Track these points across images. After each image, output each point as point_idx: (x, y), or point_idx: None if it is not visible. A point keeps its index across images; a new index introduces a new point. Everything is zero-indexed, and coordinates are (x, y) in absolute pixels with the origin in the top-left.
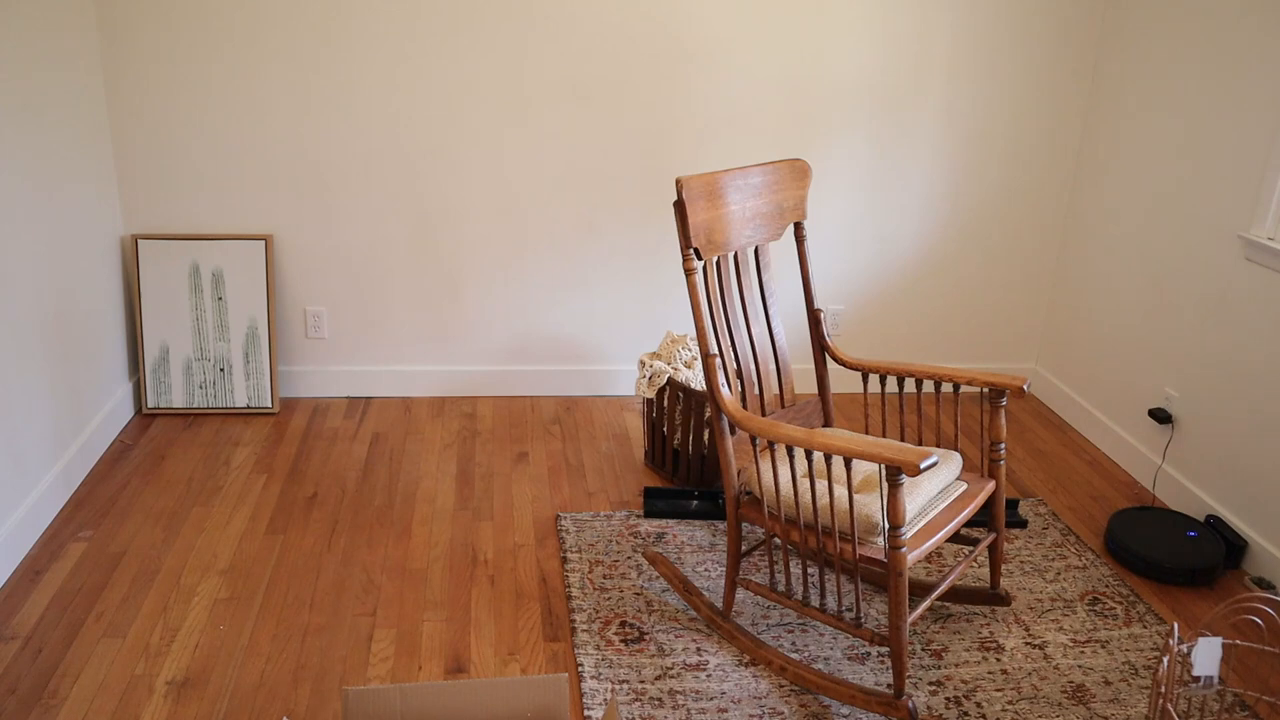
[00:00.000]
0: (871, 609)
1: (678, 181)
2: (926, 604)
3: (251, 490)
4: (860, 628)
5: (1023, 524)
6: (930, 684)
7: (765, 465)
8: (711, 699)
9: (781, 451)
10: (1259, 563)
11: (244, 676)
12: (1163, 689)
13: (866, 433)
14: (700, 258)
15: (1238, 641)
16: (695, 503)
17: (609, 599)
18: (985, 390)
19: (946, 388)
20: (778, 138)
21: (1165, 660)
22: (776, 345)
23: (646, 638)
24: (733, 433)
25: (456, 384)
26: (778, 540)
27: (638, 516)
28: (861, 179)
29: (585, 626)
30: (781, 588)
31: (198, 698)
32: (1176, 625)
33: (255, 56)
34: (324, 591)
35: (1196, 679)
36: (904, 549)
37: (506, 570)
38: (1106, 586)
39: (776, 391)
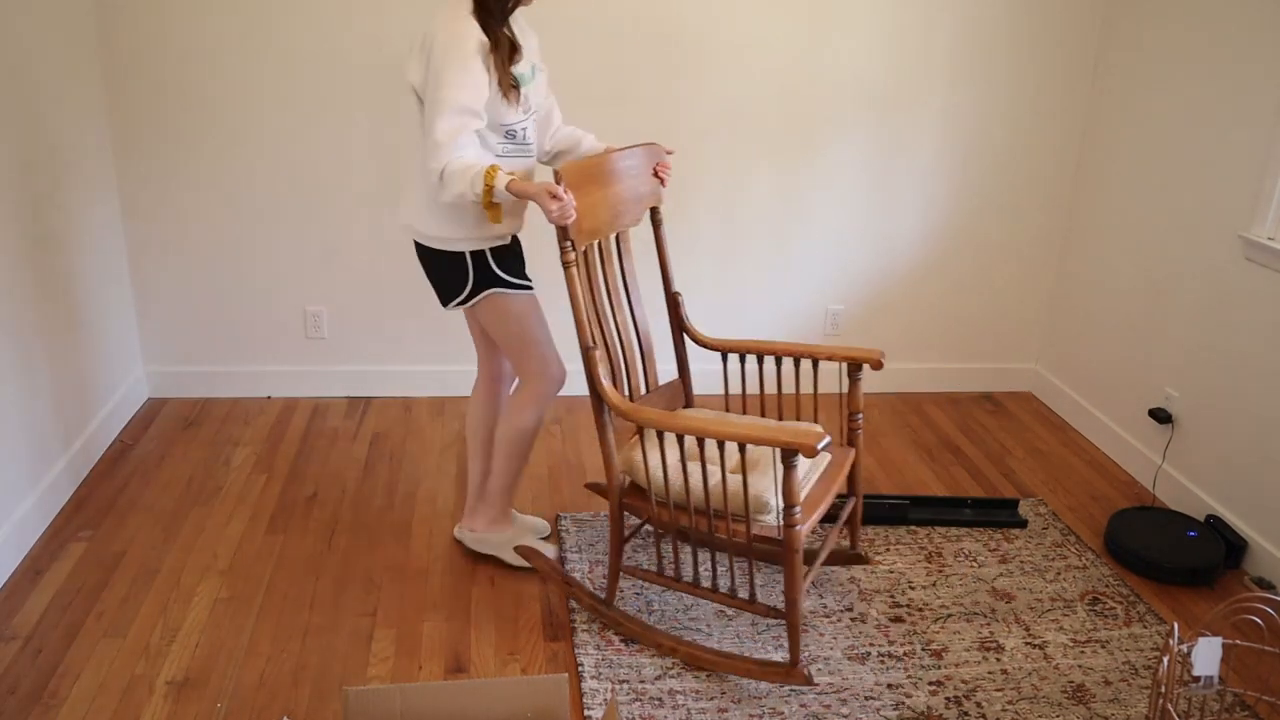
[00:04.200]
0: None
1: (555, 173)
2: (812, 573)
3: (251, 490)
4: (754, 603)
5: (1023, 524)
6: (930, 684)
7: (651, 452)
8: (711, 699)
9: (667, 438)
10: (1259, 563)
11: (244, 676)
12: (1163, 689)
13: (727, 411)
14: (574, 248)
15: (1238, 641)
16: None
17: None
18: (844, 364)
19: (806, 364)
20: (779, 137)
21: (1165, 660)
22: (640, 330)
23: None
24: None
25: (456, 384)
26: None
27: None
28: (862, 177)
29: (585, 626)
30: (670, 572)
31: (198, 698)
32: (1176, 625)
33: (256, 56)
34: (324, 591)
35: (1196, 679)
36: (798, 526)
37: (506, 570)
38: (1106, 586)
39: (642, 376)
